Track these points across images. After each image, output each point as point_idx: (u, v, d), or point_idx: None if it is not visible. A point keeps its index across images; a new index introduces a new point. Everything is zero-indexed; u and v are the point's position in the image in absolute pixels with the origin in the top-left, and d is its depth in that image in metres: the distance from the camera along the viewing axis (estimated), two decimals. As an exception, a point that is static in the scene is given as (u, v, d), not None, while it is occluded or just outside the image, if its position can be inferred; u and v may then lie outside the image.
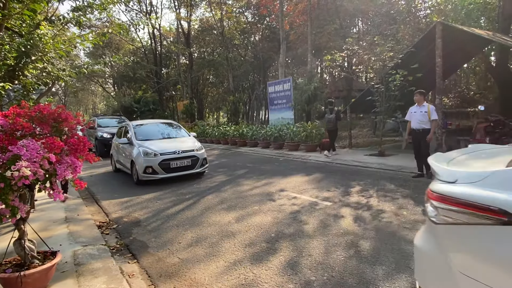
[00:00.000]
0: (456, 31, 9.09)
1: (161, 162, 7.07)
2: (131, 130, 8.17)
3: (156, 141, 7.81)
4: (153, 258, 3.50)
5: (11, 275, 2.48)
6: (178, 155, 7.31)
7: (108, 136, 13.02)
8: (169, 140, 8.12)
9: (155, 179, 7.12)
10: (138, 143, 7.52)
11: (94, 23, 24.76)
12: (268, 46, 27.12)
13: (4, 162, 2.25)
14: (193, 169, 7.48)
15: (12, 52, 4.01)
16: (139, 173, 7.08)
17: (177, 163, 7.24)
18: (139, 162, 7.07)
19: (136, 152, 7.29)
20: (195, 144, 7.92)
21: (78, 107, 51.13)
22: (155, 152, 7.13)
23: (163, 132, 8.69)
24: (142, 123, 9.16)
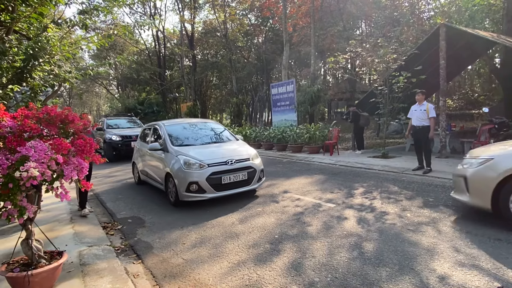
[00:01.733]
0: (460, 33, 9.08)
1: (210, 177, 5.23)
2: (164, 132, 6.22)
3: (198, 147, 5.92)
4: (157, 259, 3.53)
5: (19, 274, 2.52)
6: (231, 166, 5.45)
7: (118, 138, 12.19)
8: (215, 146, 6.14)
9: (202, 199, 5.28)
10: (176, 150, 5.68)
11: (99, 25, 24.96)
12: (271, 48, 27.20)
13: (13, 163, 2.29)
14: (250, 184, 5.66)
15: (20, 54, 4.08)
16: (180, 191, 5.25)
17: (230, 177, 5.40)
18: (180, 176, 5.24)
19: (175, 162, 5.44)
20: (249, 151, 6.07)
21: (83, 108, 51.44)
22: (201, 162, 5.30)
23: (204, 135, 6.67)
24: (174, 122, 7.14)
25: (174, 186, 5.38)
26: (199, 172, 5.22)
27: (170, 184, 5.56)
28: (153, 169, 6.46)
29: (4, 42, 4.03)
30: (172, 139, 6.08)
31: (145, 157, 6.96)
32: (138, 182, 7.60)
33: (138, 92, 34.17)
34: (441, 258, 3.11)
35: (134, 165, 7.78)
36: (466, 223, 3.95)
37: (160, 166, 6.01)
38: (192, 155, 5.44)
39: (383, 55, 9.80)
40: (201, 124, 7.24)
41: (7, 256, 3.21)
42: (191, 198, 5.23)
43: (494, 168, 3.77)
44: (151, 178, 6.61)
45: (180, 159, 5.38)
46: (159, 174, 6.07)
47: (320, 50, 21.05)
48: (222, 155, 5.62)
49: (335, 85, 26.25)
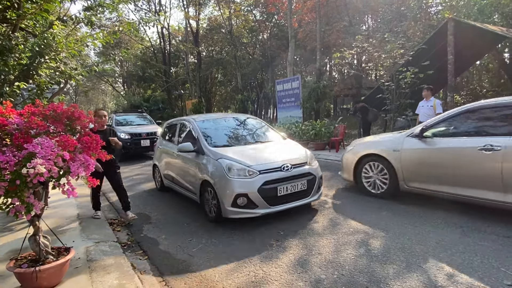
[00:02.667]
0: (469, 27, 8.94)
1: (263, 187, 4.07)
2: (196, 130, 5.09)
3: (241, 149, 4.72)
4: (163, 255, 3.54)
5: (27, 270, 2.54)
6: (288, 172, 4.28)
7: (126, 136, 11.24)
8: (261, 147, 4.94)
9: (253, 216, 4.12)
10: (215, 152, 4.50)
11: (104, 22, 25.04)
12: (276, 44, 27.06)
13: (20, 159, 2.30)
14: (309, 196, 4.49)
15: (26, 52, 4.10)
16: (223, 206, 4.09)
17: (287, 187, 4.22)
18: (224, 186, 4.12)
19: (215, 167, 4.31)
20: (304, 152, 4.87)
21: (89, 106, 51.83)
22: (249, 168, 4.15)
23: (244, 133, 5.52)
24: (206, 118, 5.76)
25: (215, 198, 4.24)
26: (248, 181, 4.06)
27: (208, 195, 4.44)
28: (182, 174, 5.30)
29: (10, 40, 4.05)
30: (207, 138, 4.90)
31: (170, 160, 5.79)
32: (161, 188, 6.43)
33: (144, 89, 34.31)
34: (449, 256, 3.07)
35: (156, 168, 6.62)
36: (474, 220, 3.89)
37: (192, 171, 4.84)
38: (237, 159, 4.27)
39: (390, 50, 9.70)
40: (237, 120, 5.96)
41: (15, 252, 3.25)
42: (239, 214, 4.08)
43: (354, 153, 5.45)
44: (179, 185, 5.47)
45: (222, 163, 4.21)
46: (191, 181, 4.94)
47: (325, 46, 20.88)
48: (274, 158, 4.44)
49: (341, 81, 26.04)
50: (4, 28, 4.46)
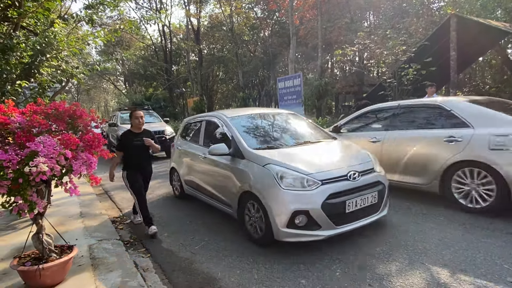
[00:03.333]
0: (471, 23, 8.88)
1: (328, 201, 3.19)
2: (231, 129, 4.18)
3: (289, 151, 3.84)
4: (166, 253, 3.55)
5: (30, 268, 2.55)
6: (355, 182, 3.41)
7: None
8: (313, 149, 3.99)
9: (315, 239, 3.22)
10: (260, 156, 3.62)
11: (105, 21, 25.05)
12: (277, 42, 26.98)
13: (23, 158, 2.31)
14: (378, 210, 3.60)
15: (28, 50, 4.10)
16: (275, 225, 3.21)
17: (356, 201, 3.33)
18: (276, 200, 3.25)
19: (262, 175, 3.45)
20: (366, 155, 3.96)
21: (91, 104, 51.99)
22: (309, 176, 3.28)
23: (287, 131, 4.58)
24: (238, 114, 4.68)
25: (262, 215, 3.37)
26: (309, 194, 3.18)
27: (251, 210, 3.57)
28: (211, 182, 4.47)
29: (12, 38, 4.05)
30: (245, 138, 4.00)
31: (194, 163, 4.99)
32: (180, 195, 5.62)
33: (145, 88, 34.34)
34: (452, 253, 3.06)
35: (174, 172, 5.77)
36: (477, 217, 3.88)
37: (227, 179, 3.97)
38: (291, 165, 3.38)
39: (392, 47, 9.67)
40: (274, 115, 4.93)
41: (18, 250, 3.27)
42: (296, 237, 3.19)
43: None
44: (207, 195, 4.66)
45: (272, 170, 3.33)
46: (225, 191, 4.09)
47: (327, 43, 20.81)
48: (336, 163, 3.57)
49: (342, 78, 25.95)
50: (6, 26, 4.47)
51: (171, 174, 6.02)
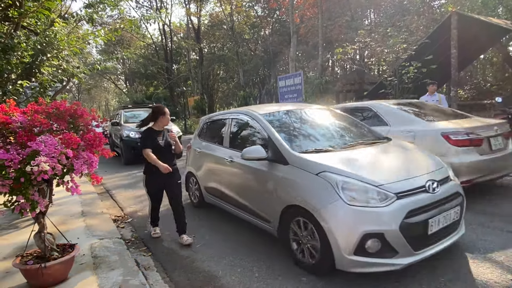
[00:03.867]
0: (472, 21, 8.86)
1: (408, 221, 2.50)
2: (266, 128, 3.52)
3: (345, 154, 3.14)
4: (167, 251, 3.57)
5: (33, 266, 2.57)
6: (435, 194, 2.74)
7: (137, 135, 9.33)
8: (371, 152, 3.31)
9: (389, 269, 2.53)
10: (309, 162, 2.95)
11: (105, 20, 25.07)
12: (278, 40, 26.99)
13: (24, 157, 2.32)
14: (458, 229, 2.94)
15: (29, 50, 4.11)
16: (338, 252, 2.54)
17: (439, 219, 2.66)
18: (337, 218, 2.58)
19: (316, 186, 2.77)
20: (436, 159, 3.32)
21: (92, 103, 52.07)
22: (379, 187, 2.61)
23: (334, 131, 3.84)
24: (272, 110, 3.99)
25: (318, 238, 2.68)
26: (383, 212, 2.50)
27: (299, 227, 2.87)
28: (242, 191, 3.77)
29: (12, 38, 4.06)
30: (287, 139, 3.30)
31: (218, 168, 4.28)
32: (199, 205, 4.97)
33: (146, 87, 34.41)
34: (452, 251, 3.06)
35: (191, 177, 5.10)
36: (477, 215, 3.88)
37: (264, 188, 3.29)
38: (355, 173, 2.69)
39: (393, 45, 9.65)
40: (310, 111, 4.14)
41: (20, 249, 3.28)
42: (366, 267, 2.53)
43: None
44: (236, 205, 3.93)
45: (329, 180, 2.65)
46: (260, 202, 3.42)
47: (328, 41, 20.80)
48: (408, 170, 2.93)
49: (343, 76, 25.90)
50: (6, 26, 4.47)
51: (187, 180, 5.24)
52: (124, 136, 9.75)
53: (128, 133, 9.76)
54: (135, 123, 10.11)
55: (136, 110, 12.34)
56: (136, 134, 9.41)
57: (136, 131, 9.39)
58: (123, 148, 9.88)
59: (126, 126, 10.17)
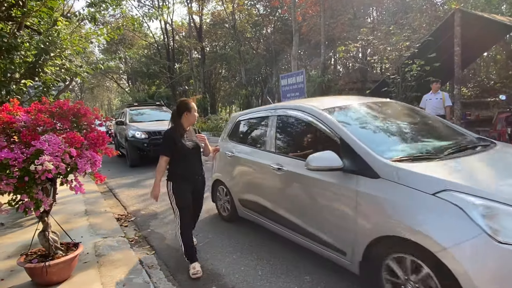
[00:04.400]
0: (476, 18, 8.79)
1: None
2: (336, 127, 2.66)
3: (455, 164, 2.27)
4: (171, 250, 3.58)
5: (37, 265, 2.58)
6: None
7: (143, 136, 8.89)
8: (485, 159, 2.46)
9: None
10: (414, 174, 2.08)
11: (108, 19, 25.11)
12: (280, 39, 26.92)
13: (28, 156, 2.33)
14: None
15: (32, 49, 4.12)
16: None
17: None
18: (486, 267, 1.67)
19: (439, 213, 1.87)
20: None
21: (94, 103, 52.20)
22: None
23: (417, 131, 3.07)
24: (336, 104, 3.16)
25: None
26: None
27: (399, 267, 2.11)
28: (298, 209, 2.95)
29: (16, 38, 4.07)
30: (369, 144, 2.43)
31: (261, 177, 3.53)
32: (229, 218, 4.26)
33: (148, 86, 34.47)
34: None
35: (219, 186, 4.37)
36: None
37: (337, 209, 2.52)
38: (494, 192, 1.86)
39: (396, 43, 9.62)
40: (383, 106, 3.39)
41: (25, 248, 3.30)
42: None
43: None
44: (286, 226, 3.14)
45: (462, 204, 1.82)
46: (329, 227, 2.63)
47: (330, 40, 20.72)
48: None
49: (345, 74, 25.79)
50: (10, 26, 4.49)
51: (214, 189, 4.50)
52: (129, 136, 9.13)
53: (133, 133, 9.09)
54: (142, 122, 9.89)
55: (142, 108, 11.46)
56: (143, 134, 8.96)
57: (143, 131, 9.01)
58: (128, 149, 9.31)
59: (131, 126, 9.52)
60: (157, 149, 7.87)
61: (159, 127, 9.06)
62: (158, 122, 9.84)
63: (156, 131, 8.96)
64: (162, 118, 10.34)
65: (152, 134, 8.95)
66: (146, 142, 8.87)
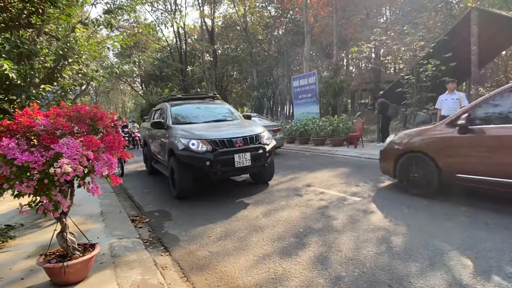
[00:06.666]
0: (493, 16, 8.58)
1: None
2: None
3: None
4: (184, 251, 3.61)
5: (55, 265, 2.65)
6: None
7: (203, 148, 5.28)
8: None
9: None
10: None
11: (121, 24, 25.62)
12: (292, 40, 26.87)
13: (48, 159, 2.40)
14: None
15: (51, 55, 4.25)
16: None
17: None
18: None
19: None
20: None
21: (109, 106, 53.27)
22: None
23: None
24: None
25: None
26: None
27: None
28: None
29: (35, 44, 4.21)
30: None
31: None
32: None
33: (161, 89, 34.90)
34: (475, 254, 2.98)
35: None
36: (502, 217, 3.75)
37: None
38: None
39: (410, 43, 9.46)
40: None
41: (44, 248, 3.39)
42: None
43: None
44: None
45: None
46: None
47: (342, 40, 20.56)
48: None
49: (358, 75, 25.57)
50: (29, 33, 4.64)
51: None
52: (178, 148, 5.44)
53: (186, 142, 5.37)
54: (194, 125, 6.10)
55: (190, 102, 7.45)
56: (203, 145, 5.25)
57: (203, 139, 5.31)
58: (175, 168, 5.55)
59: (180, 131, 5.75)
60: (227, 170, 5.26)
61: (225, 132, 5.62)
62: (222, 125, 6.25)
63: (227, 140, 5.37)
64: (223, 116, 6.86)
65: (220, 145, 5.32)
66: (210, 158, 5.18)
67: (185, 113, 6.84)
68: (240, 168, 5.25)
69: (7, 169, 2.35)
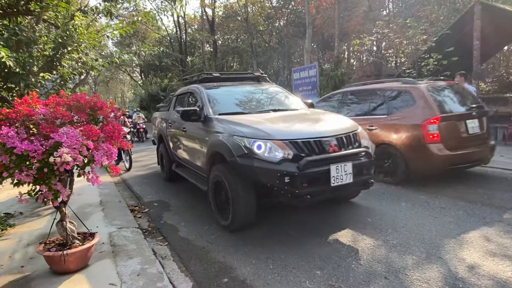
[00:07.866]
0: (497, 10, 8.50)
1: None
2: None
3: None
4: (183, 241, 3.63)
5: (55, 253, 2.67)
6: None
7: (280, 154, 3.18)
8: None
9: None
10: None
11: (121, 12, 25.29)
12: (293, 32, 26.62)
13: (47, 148, 2.39)
14: None
15: (49, 43, 4.21)
16: None
17: None
18: None
19: None
20: None
21: (108, 95, 52.99)
22: None
23: None
24: None
25: None
26: None
27: None
28: None
29: (34, 31, 4.16)
30: None
31: None
32: None
33: (161, 79, 34.72)
34: (471, 247, 3.01)
35: None
36: (498, 212, 3.78)
37: None
38: None
39: (412, 36, 9.40)
40: None
41: (43, 236, 3.41)
42: None
43: None
44: None
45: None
46: None
47: (344, 33, 20.37)
48: None
49: (359, 68, 25.38)
50: (28, 20, 4.58)
51: None
52: (235, 153, 3.41)
53: (249, 144, 3.33)
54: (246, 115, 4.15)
55: (233, 84, 5.35)
56: (278, 148, 3.23)
57: (284, 139, 3.30)
58: (231, 185, 3.52)
59: (233, 126, 3.72)
60: (320, 192, 3.30)
61: (311, 128, 3.73)
62: (291, 116, 4.35)
63: (314, 141, 3.36)
64: (282, 105, 4.86)
65: (305, 150, 3.31)
66: (292, 172, 3.14)
67: (229, 99, 4.72)
68: (337, 188, 3.26)
69: (7, 158, 2.35)
